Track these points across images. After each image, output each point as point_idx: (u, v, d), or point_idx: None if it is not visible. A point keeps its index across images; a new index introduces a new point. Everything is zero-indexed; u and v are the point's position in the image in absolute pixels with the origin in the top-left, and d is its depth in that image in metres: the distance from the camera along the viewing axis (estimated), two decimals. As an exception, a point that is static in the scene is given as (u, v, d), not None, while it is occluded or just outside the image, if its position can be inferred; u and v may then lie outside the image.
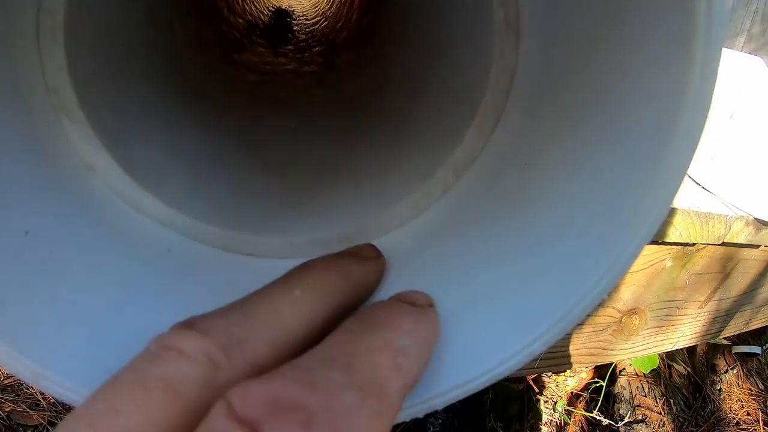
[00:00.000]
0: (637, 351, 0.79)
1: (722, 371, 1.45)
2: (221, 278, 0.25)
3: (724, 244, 0.63)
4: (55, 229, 0.20)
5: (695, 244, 0.65)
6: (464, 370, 0.17)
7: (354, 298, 0.20)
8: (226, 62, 0.42)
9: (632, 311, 0.72)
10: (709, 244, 0.65)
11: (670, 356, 1.37)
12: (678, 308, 0.78)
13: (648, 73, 0.18)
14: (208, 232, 0.26)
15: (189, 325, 0.16)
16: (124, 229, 0.24)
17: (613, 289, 0.19)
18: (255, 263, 0.26)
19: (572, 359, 0.71)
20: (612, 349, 0.76)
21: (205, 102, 0.35)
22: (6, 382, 1.02)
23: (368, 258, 0.21)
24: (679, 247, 0.65)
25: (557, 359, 0.70)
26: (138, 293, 0.21)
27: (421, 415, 0.18)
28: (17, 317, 0.16)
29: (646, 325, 0.76)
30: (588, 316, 0.64)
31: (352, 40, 0.48)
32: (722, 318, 0.84)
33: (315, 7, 0.69)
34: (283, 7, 0.70)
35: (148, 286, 0.21)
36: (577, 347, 0.69)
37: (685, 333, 0.83)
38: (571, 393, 1.26)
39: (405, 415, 0.17)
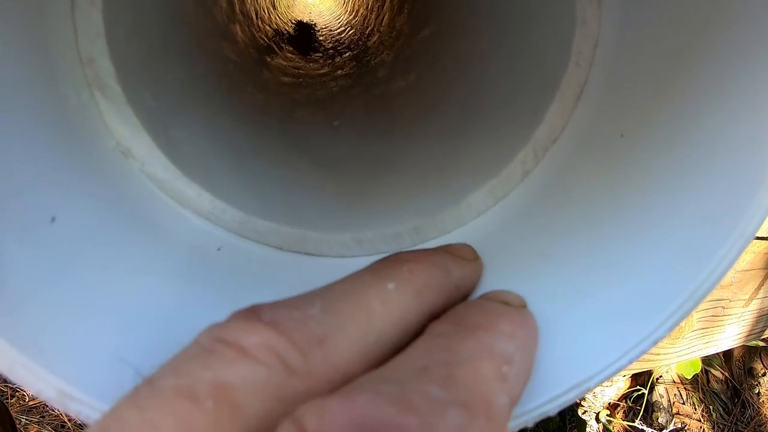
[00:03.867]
0: (682, 355, 0.76)
1: (760, 374, 1.41)
2: (277, 279, 0.22)
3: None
4: (84, 220, 0.17)
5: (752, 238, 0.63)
6: (576, 370, 0.15)
7: (450, 302, 0.16)
8: (261, 64, 0.41)
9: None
10: (757, 237, 0.63)
11: (707, 361, 1.33)
12: (723, 308, 0.76)
13: (746, 39, 0.16)
14: (261, 228, 0.23)
15: (254, 314, 0.13)
16: (166, 224, 0.21)
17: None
18: (315, 262, 0.23)
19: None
20: (658, 354, 0.73)
21: (244, 98, 0.33)
22: (31, 403, 1.01)
23: (466, 259, 0.18)
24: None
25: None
26: (182, 297, 0.18)
27: (530, 425, 0.16)
28: (39, 322, 0.14)
29: (693, 327, 0.74)
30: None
31: (386, 42, 0.47)
32: (766, 316, 0.81)
33: (338, 19, 0.68)
34: (305, 21, 0.70)
35: (194, 289, 0.19)
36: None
37: (729, 333, 0.80)
38: (609, 403, 1.23)
39: (513, 426, 0.15)
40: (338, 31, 0.63)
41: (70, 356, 0.14)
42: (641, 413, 1.16)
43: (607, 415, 1.19)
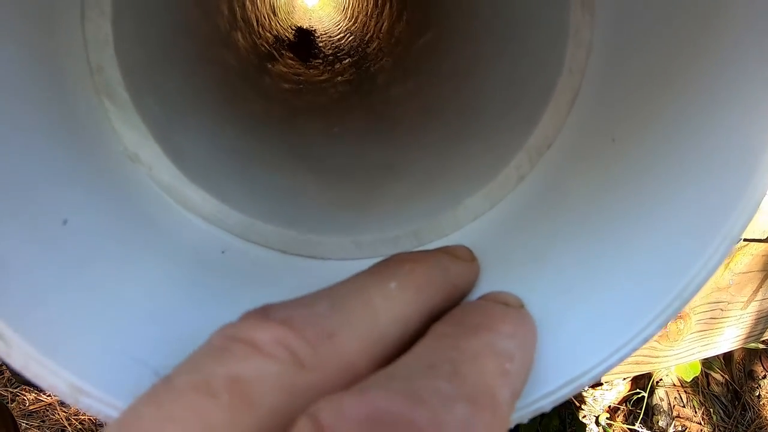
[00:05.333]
0: (681, 357, 0.77)
1: (760, 377, 1.41)
2: (280, 281, 0.23)
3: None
4: (95, 222, 0.18)
5: (740, 239, 0.64)
6: (570, 367, 0.16)
7: (449, 300, 0.17)
8: (262, 71, 0.42)
9: (677, 315, 0.70)
10: (754, 240, 0.63)
11: (707, 364, 1.33)
12: (722, 310, 0.76)
13: (739, 43, 0.17)
14: (264, 232, 0.24)
15: (264, 313, 0.13)
16: (172, 227, 0.22)
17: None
18: (317, 264, 0.24)
19: (617, 367, 0.69)
20: (657, 357, 0.74)
21: (246, 105, 0.34)
22: (31, 407, 1.01)
23: (464, 260, 0.19)
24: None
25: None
26: (189, 297, 0.19)
27: (526, 420, 0.16)
28: (54, 320, 0.14)
29: (691, 329, 0.74)
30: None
31: (386, 48, 0.48)
32: (765, 318, 0.82)
33: (337, 25, 0.69)
34: (305, 27, 0.70)
35: (200, 290, 0.19)
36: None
37: (728, 336, 0.81)
38: (609, 406, 1.23)
39: (511, 420, 0.16)
40: (338, 37, 0.64)
41: (82, 353, 0.14)
42: (641, 416, 1.16)
43: (607, 418, 1.19)
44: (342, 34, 0.65)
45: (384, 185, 0.28)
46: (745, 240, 0.62)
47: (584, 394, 1.21)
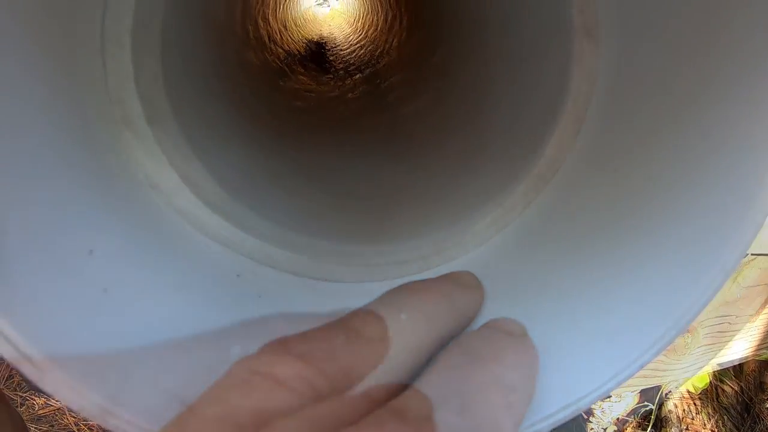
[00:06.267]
0: (689, 370, 0.77)
1: (771, 389, 1.40)
2: (295, 304, 0.24)
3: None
4: (120, 250, 0.18)
5: (747, 254, 0.64)
6: (568, 391, 0.17)
7: (456, 327, 0.18)
8: (274, 89, 0.43)
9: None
10: (761, 254, 0.63)
11: (718, 376, 1.32)
12: (730, 323, 0.76)
13: (740, 77, 0.17)
14: (277, 256, 0.25)
15: (283, 347, 0.14)
16: (190, 252, 0.23)
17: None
18: (329, 287, 0.25)
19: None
20: (665, 370, 0.74)
21: (260, 126, 0.35)
22: (41, 412, 1.02)
23: (469, 287, 0.19)
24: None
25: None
26: (206, 320, 0.19)
27: None
28: (84, 347, 0.15)
29: (699, 343, 0.74)
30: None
31: (396, 65, 0.48)
32: (775, 330, 0.82)
33: (347, 39, 0.70)
34: (315, 40, 0.71)
35: (217, 312, 0.20)
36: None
37: (737, 348, 0.81)
38: (618, 418, 1.22)
39: None
40: (348, 50, 0.65)
41: (110, 376, 0.15)
42: (650, 428, 1.16)
43: (615, 430, 1.19)
44: (352, 48, 0.66)
45: (394, 211, 0.29)
46: (752, 254, 0.62)
47: (593, 406, 1.21)
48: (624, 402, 1.23)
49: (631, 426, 1.22)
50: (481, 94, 0.31)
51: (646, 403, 1.16)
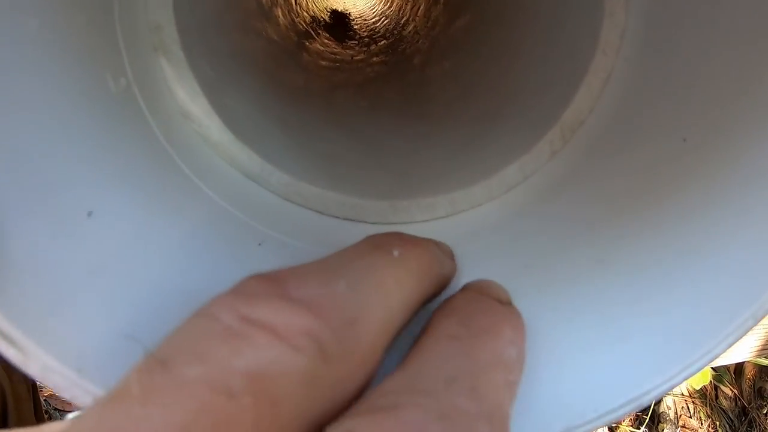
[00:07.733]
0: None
1: (769, 395, 1.40)
2: (317, 240, 0.24)
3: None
4: (150, 176, 0.19)
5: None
6: (606, 400, 0.16)
7: (437, 290, 0.17)
8: (301, 48, 0.43)
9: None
10: None
11: (717, 378, 1.32)
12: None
13: None
14: (305, 192, 0.25)
15: (277, 286, 0.12)
16: (217, 183, 0.22)
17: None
18: (353, 226, 0.25)
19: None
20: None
21: (288, 77, 0.35)
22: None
23: (448, 255, 0.18)
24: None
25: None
26: (224, 254, 0.19)
27: None
28: (76, 326, 0.13)
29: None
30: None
31: (422, 31, 0.48)
32: (779, 332, 0.81)
33: (372, 9, 0.70)
34: (340, 10, 0.71)
35: (234, 246, 0.20)
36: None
37: (741, 348, 0.81)
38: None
39: None
40: (373, 20, 0.65)
41: (106, 364, 0.13)
42: (647, 422, 1.16)
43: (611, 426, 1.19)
44: (377, 17, 0.66)
45: (420, 152, 0.29)
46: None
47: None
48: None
49: (629, 417, 1.23)
50: (509, 52, 0.31)
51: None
